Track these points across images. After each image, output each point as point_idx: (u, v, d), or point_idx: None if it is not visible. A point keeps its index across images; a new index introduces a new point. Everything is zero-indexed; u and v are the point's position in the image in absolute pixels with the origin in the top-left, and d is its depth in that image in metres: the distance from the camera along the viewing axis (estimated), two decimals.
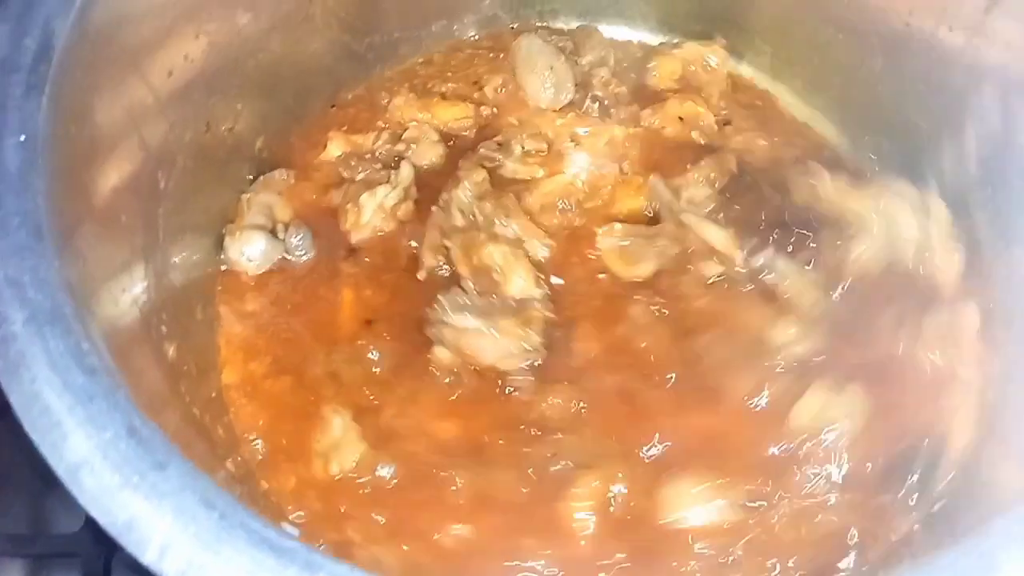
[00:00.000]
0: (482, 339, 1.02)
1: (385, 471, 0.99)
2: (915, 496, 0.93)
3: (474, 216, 1.11)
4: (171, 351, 0.96)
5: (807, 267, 1.08)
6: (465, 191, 1.12)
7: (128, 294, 0.90)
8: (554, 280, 1.12)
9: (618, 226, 1.14)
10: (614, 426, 1.01)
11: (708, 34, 1.33)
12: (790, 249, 1.09)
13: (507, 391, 1.03)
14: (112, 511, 0.64)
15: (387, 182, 1.15)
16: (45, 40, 0.81)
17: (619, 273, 1.11)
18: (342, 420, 1.01)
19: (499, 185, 1.17)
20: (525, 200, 1.16)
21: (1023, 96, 0.99)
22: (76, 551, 1.12)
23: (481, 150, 1.20)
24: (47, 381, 0.67)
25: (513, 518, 0.95)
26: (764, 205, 1.14)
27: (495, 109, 1.27)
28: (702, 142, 1.24)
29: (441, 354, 1.03)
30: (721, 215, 1.13)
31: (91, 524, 1.07)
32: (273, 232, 1.16)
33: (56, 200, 0.77)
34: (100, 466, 0.65)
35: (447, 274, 1.12)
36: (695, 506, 0.94)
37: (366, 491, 0.98)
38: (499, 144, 1.21)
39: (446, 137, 1.25)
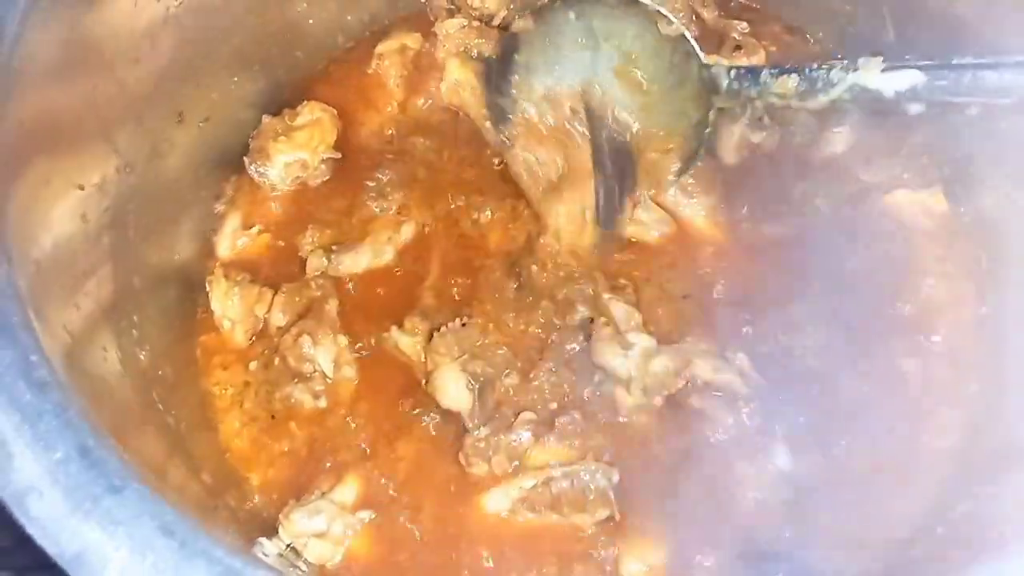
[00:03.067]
0: None
1: None
2: None
3: None
4: (143, 356, 0.91)
5: None
6: None
7: (91, 298, 0.84)
8: None
9: None
10: None
11: None
12: None
13: None
14: (61, 541, 0.59)
15: None
16: None
17: None
18: None
19: None
20: None
21: None
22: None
23: None
24: None
25: None
26: None
27: None
28: None
29: None
30: None
31: None
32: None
33: (7, 200, 0.72)
34: (49, 491, 0.60)
35: None
36: None
37: None
38: None
39: None
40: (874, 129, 1.16)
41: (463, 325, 1.03)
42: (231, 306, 1.05)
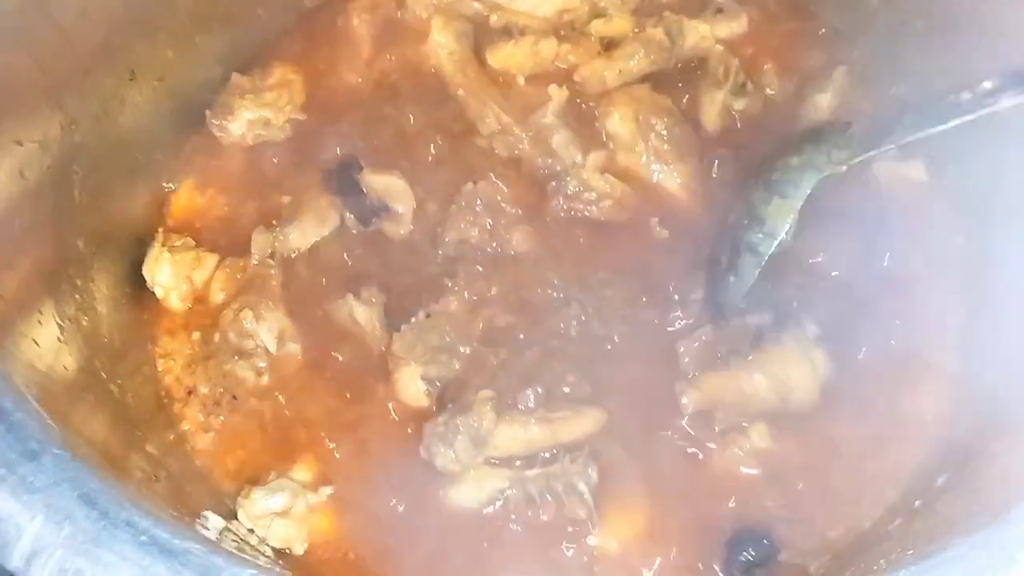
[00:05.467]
0: None
1: None
2: None
3: None
4: (85, 321, 0.86)
5: None
6: None
7: (28, 259, 0.80)
8: None
9: None
10: None
11: None
12: None
13: None
14: None
15: None
16: None
17: None
18: None
19: None
20: None
21: None
22: None
23: None
24: None
25: None
26: None
27: None
28: None
29: None
30: None
31: None
32: None
33: None
34: None
35: None
36: None
37: None
38: None
39: None
40: (860, 97, 1.12)
41: (427, 316, 0.99)
42: (162, 272, 1.00)
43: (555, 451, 0.93)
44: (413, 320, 0.98)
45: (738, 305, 0.96)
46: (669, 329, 0.98)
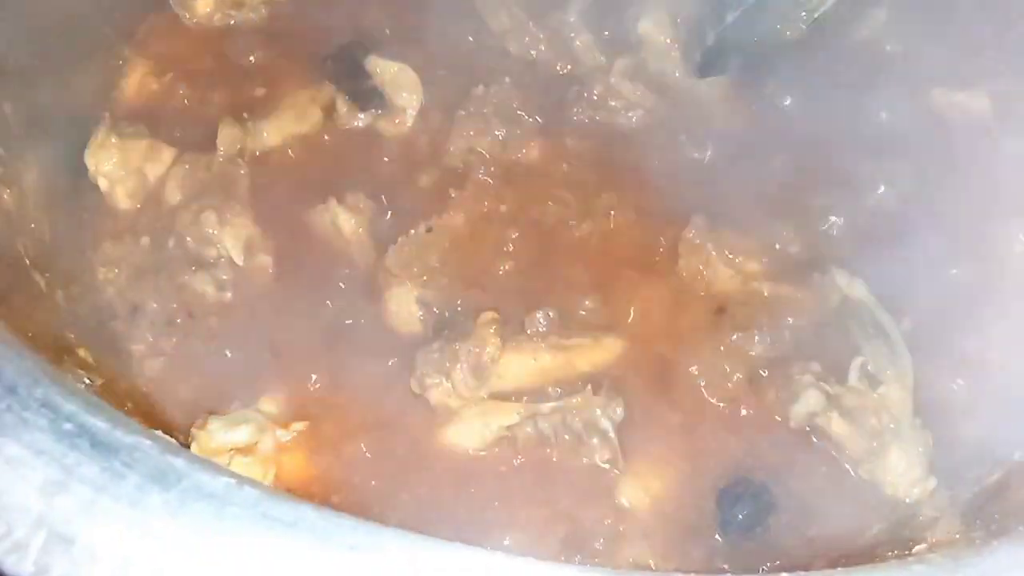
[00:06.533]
0: None
1: None
2: None
3: None
4: (6, 195, 0.70)
5: None
6: None
7: None
8: None
9: None
10: None
11: None
12: None
13: None
14: None
15: None
16: None
17: None
18: None
19: None
20: None
21: None
22: None
23: None
24: None
25: None
26: None
27: None
28: None
29: None
30: None
31: None
32: None
33: None
34: None
35: None
36: None
37: None
38: None
39: None
40: (915, 13, 1.01)
41: (428, 231, 0.85)
42: (108, 159, 0.85)
43: (570, 384, 0.79)
44: (412, 232, 0.84)
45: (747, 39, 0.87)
46: None
